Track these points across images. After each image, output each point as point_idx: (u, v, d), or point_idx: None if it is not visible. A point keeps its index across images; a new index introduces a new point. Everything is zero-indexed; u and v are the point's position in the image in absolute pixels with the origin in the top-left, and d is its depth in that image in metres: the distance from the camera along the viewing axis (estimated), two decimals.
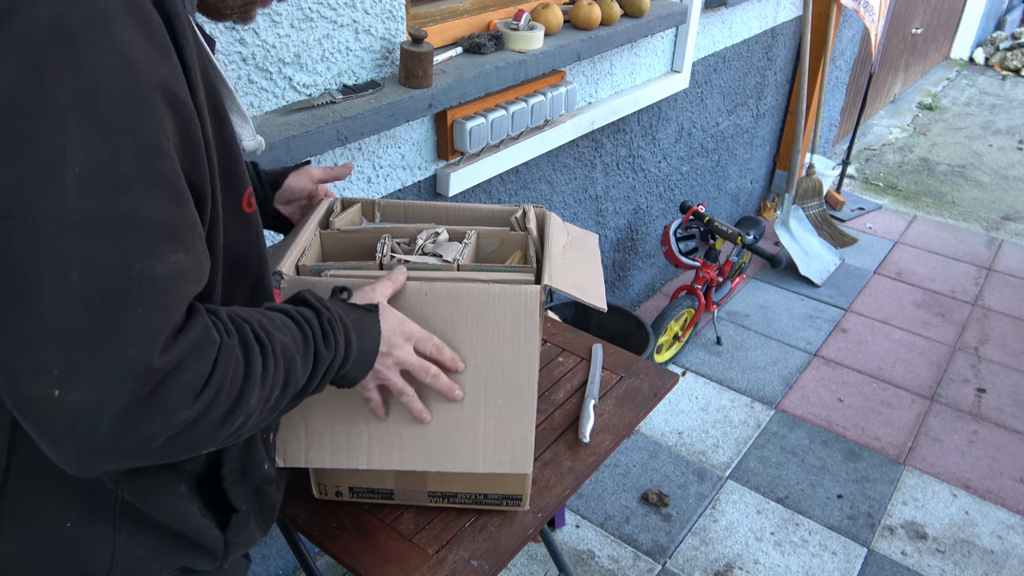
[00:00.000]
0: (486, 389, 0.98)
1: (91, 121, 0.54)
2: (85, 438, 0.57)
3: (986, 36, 7.58)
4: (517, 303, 0.95)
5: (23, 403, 0.56)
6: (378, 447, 1.00)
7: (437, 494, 1.17)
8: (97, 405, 0.56)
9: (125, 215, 0.55)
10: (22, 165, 0.52)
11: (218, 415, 0.64)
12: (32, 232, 0.53)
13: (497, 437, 1.00)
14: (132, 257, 0.56)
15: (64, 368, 0.54)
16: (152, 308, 0.57)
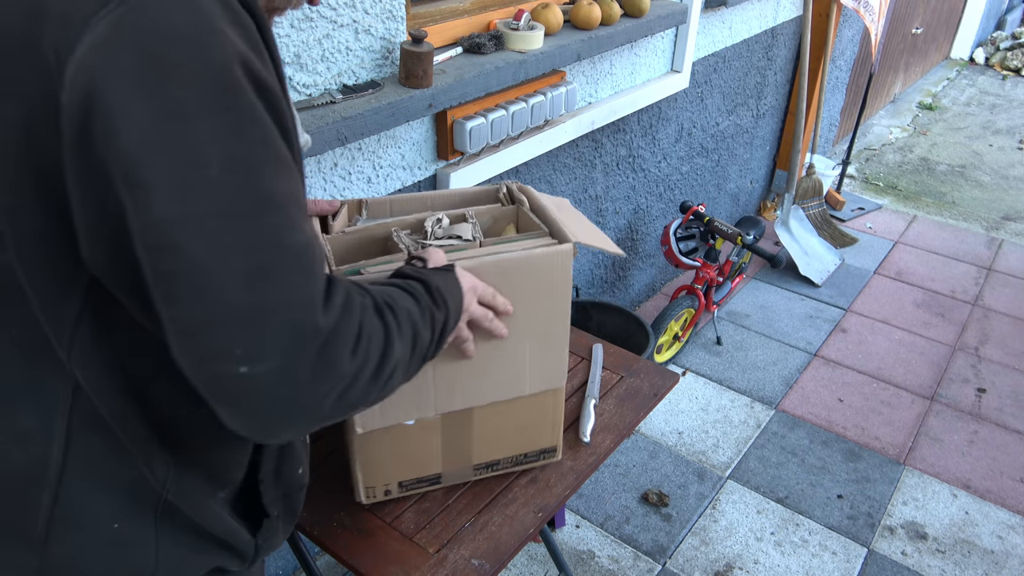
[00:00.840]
0: (531, 335, 1.12)
1: (220, 116, 0.58)
2: (274, 406, 0.62)
3: (986, 36, 7.58)
4: (555, 262, 1.08)
5: (214, 385, 0.61)
6: (442, 394, 1.10)
7: (482, 466, 1.24)
8: (281, 373, 0.61)
9: (265, 196, 0.60)
10: (171, 169, 0.56)
11: (371, 370, 0.68)
12: (193, 230, 0.57)
13: (539, 365, 1.15)
14: (279, 233, 0.61)
15: (246, 346, 0.59)
16: (307, 275, 0.62)
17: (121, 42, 0.55)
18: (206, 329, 0.59)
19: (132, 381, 0.70)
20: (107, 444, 0.71)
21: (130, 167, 0.56)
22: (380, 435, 1.12)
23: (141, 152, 0.56)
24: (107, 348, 0.67)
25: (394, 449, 1.15)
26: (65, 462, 0.69)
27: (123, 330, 0.67)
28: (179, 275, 0.58)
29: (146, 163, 0.56)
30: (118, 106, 0.55)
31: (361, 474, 1.15)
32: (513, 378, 1.15)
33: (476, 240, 1.11)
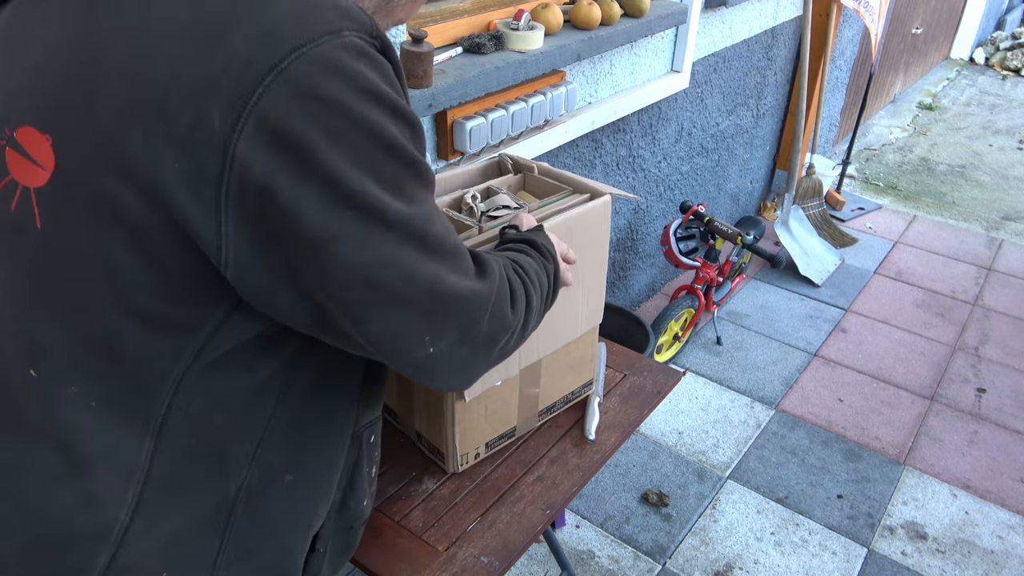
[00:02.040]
0: (582, 282, 1.24)
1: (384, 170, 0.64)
2: (463, 367, 0.74)
3: (986, 36, 7.58)
4: (600, 215, 1.22)
5: (415, 367, 0.71)
6: (523, 350, 1.21)
7: (543, 411, 1.38)
8: (461, 340, 0.72)
9: (426, 216, 0.68)
10: (355, 224, 0.62)
11: (521, 319, 0.81)
12: (380, 265, 0.65)
13: (587, 308, 1.29)
14: (441, 242, 0.69)
15: (432, 333, 0.69)
16: (462, 261, 0.72)
17: (283, 121, 0.58)
18: (399, 334, 0.68)
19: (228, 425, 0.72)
20: (176, 507, 0.72)
21: (315, 233, 0.61)
22: (476, 401, 1.21)
23: (320, 217, 0.61)
24: (208, 396, 0.70)
25: (487, 412, 1.25)
26: (131, 523, 0.70)
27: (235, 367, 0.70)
28: (371, 302, 0.65)
29: (331, 226, 0.61)
30: (291, 186, 0.59)
31: (459, 442, 1.24)
32: (571, 324, 1.28)
33: (522, 206, 1.22)
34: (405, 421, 1.35)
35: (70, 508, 0.69)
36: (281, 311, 0.66)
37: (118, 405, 0.68)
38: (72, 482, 0.69)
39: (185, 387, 0.68)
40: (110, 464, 0.69)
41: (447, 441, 1.24)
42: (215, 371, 0.69)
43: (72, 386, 0.67)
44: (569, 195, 1.27)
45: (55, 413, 0.68)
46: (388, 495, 1.23)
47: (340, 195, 0.61)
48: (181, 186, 0.59)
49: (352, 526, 0.93)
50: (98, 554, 0.70)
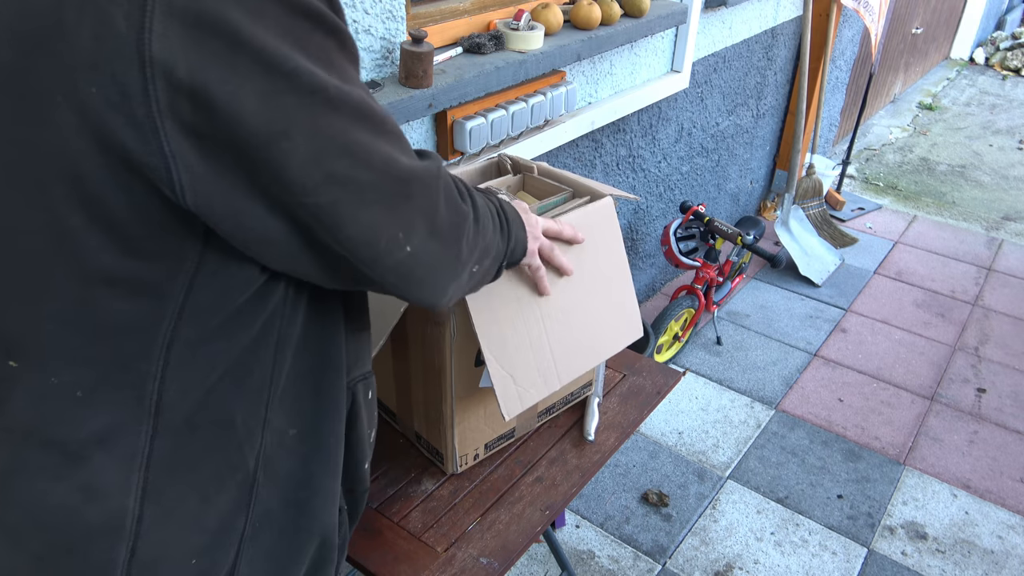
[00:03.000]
0: (608, 286, 1.22)
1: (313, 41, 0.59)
2: (438, 265, 0.72)
3: (986, 36, 7.58)
4: (602, 216, 1.20)
5: (398, 273, 0.68)
6: (561, 367, 1.17)
7: (543, 411, 1.37)
8: (429, 233, 0.69)
9: (360, 100, 0.62)
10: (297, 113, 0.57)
11: (471, 210, 0.77)
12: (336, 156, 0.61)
13: (618, 319, 1.24)
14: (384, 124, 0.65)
15: (403, 225, 0.67)
16: (400, 135, 0.68)
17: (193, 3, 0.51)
18: (374, 233, 0.64)
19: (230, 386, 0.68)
20: (193, 479, 0.68)
21: (260, 126, 0.56)
22: (475, 402, 1.21)
23: (265, 110, 0.55)
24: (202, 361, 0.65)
25: (487, 413, 1.25)
26: (142, 512, 0.66)
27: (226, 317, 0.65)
28: (340, 200, 0.61)
29: (277, 118, 0.56)
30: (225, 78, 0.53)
31: (458, 443, 1.23)
32: (608, 339, 1.24)
33: None
34: (404, 422, 1.35)
35: (74, 505, 0.64)
36: (254, 235, 0.61)
37: (106, 389, 0.63)
38: (69, 476, 0.64)
39: (176, 355, 0.63)
40: (107, 452, 0.64)
41: (446, 442, 1.24)
42: (205, 332, 0.64)
43: (52, 377, 0.62)
44: (567, 199, 1.26)
45: (41, 406, 0.63)
46: (387, 496, 1.23)
47: (277, 78, 0.55)
48: (107, 113, 0.52)
49: (354, 488, 0.89)
50: (116, 550, 0.65)
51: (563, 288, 1.14)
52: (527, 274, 1.08)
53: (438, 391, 1.19)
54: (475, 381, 1.20)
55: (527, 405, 1.11)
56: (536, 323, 1.11)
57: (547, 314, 1.13)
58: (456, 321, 1.11)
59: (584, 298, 1.17)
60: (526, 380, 1.10)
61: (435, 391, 1.20)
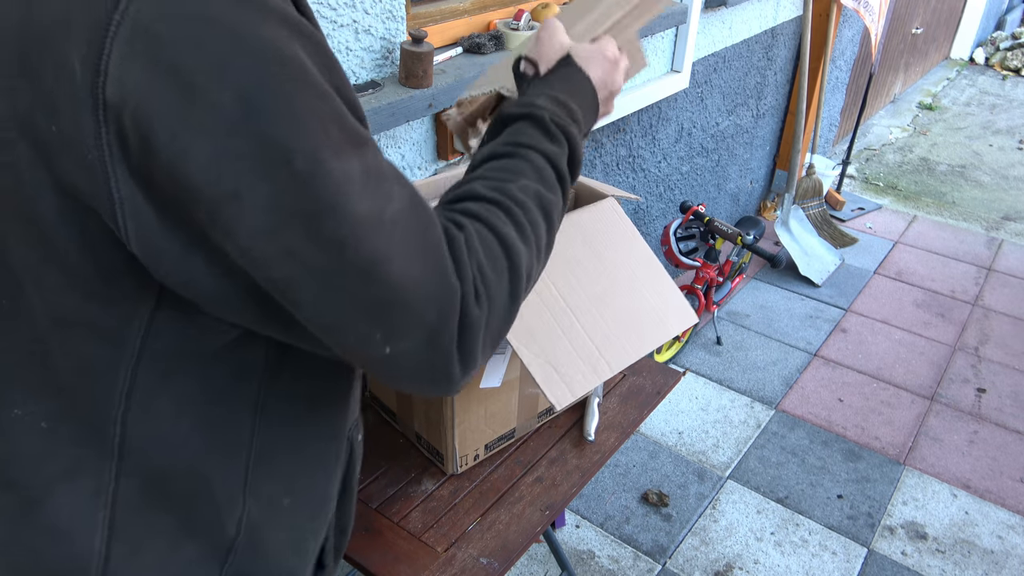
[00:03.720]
0: (639, 276, 1.20)
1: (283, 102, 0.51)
2: (434, 370, 0.58)
3: (986, 36, 7.58)
4: (611, 213, 1.21)
5: (373, 368, 0.58)
6: (609, 355, 1.14)
7: (543, 412, 1.37)
8: (427, 342, 0.57)
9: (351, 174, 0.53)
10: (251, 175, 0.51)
11: (504, 298, 0.62)
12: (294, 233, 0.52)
13: (663, 307, 1.22)
14: (381, 211, 0.55)
15: (384, 330, 0.55)
16: (419, 240, 0.57)
17: (150, 49, 0.48)
18: (342, 325, 0.55)
19: (205, 418, 0.63)
20: (157, 522, 0.64)
21: (205, 185, 0.50)
22: (476, 403, 1.20)
23: (214, 169, 0.49)
24: (169, 394, 0.61)
25: (487, 413, 1.25)
26: (109, 554, 0.63)
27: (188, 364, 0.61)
28: (294, 281, 0.53)
29: (225, 179, 0.50)
30: (175, 130, 0.49)
31: (458, 444, 1.23)
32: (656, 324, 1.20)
33: None
34: (404, 422, 1.35)
35: (39, 547, 0.62)
36: (205, 295, 0.56)
37: (71, 422, 0.60)
38: (34, 517, 0.61)
39: (136, 401, 0.60)
40: (72, 487, 0.61)
41: (446, 442, 1.24)
42: (167, 381, 0.60)
43: (15, 408, 0.60)
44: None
45: (3, 442, 0.61)
46: (387, 496, 1.23)
47: (239, 136, 0.49)
48: (62, 153, 0.50)
49: (346, 529, 0.86)
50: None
51: (587, 280, 1.15)
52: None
53: None
54: (475, 381, 1.20)
55: (578, 395, 1.07)
56: (564, 313, 1.11)
57: (575, 305, 1.13)
58: None
59: (614, 288, 1.17)
60: (570, 368, 1.09)
61: None
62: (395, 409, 1.36)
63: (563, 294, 1.12)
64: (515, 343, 1.05)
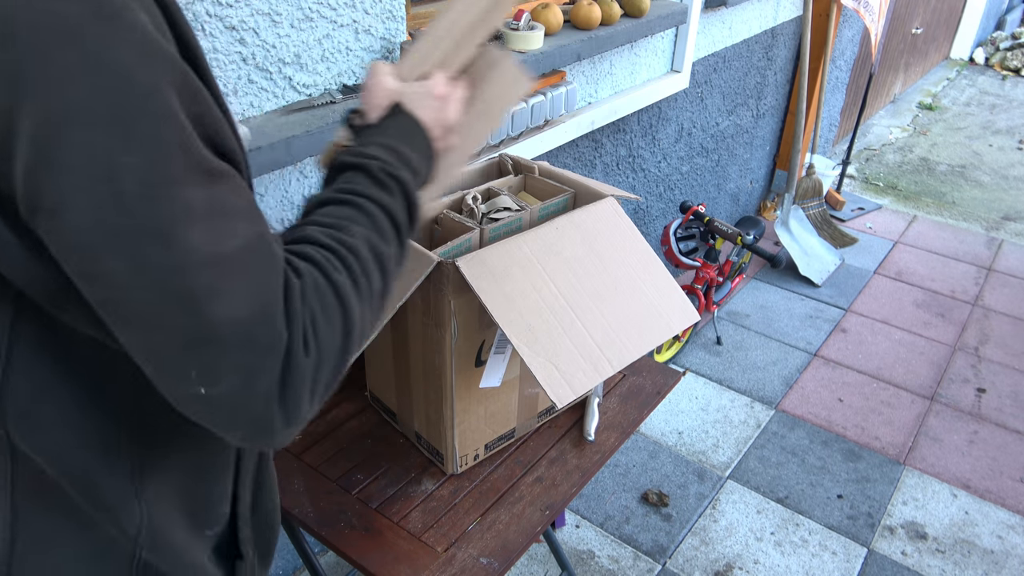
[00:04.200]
0: (640, 275, 1.21)
1: (123, 123, 0.51)
2: (250, 420, 0.57)
3: (986, 36, 7.58)
4: (611, 212, 1.22)
5: (184, 406, 0.57)
6: (610, 353, 1.14)
7: (543, 412, 1.37)
8: (243, 388, 0.55)
9: (187, 207, 0.53)
10: (78, 190, 0.50)
11: (336, 348, 0.61)
12: (115, 255, 0.52)
13: (665, 305, 1.23)
14: (215, 244, 0.54)
15: (199, 368, 0.54)
16: (249, 283, 0.56)
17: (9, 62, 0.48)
18: (157, 355, 0.54)
19: (85, 426, 0.62)
20: (62, 512, 0.64)
21: (36, 193, 0.50)
22: (476, 403, 1.21)
23: (43, 176, 0.49)
24: (48, 400, 0.60)
25: (487, 413, 1.25)
26: (14, 542, 0.63)
27: (62, 371, 0.61)
28: (113, 302, 0.53)
29: (51, 187, 0.50)
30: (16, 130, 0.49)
31: (458, 444, 1.24)
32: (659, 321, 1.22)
33: (526, 210, 1.21)
34: (404, 422, 1.35)
35: None
36: (49, 299, 0.57)
37: None
38: None
39: (12, 404, 0.60)
40: None
41: (446, 442, 1.24)
42: (42, 388, 0.60)
43: None
44: (569, 200, 1.27)
45: None
46: (387, 496, 1.23)
47: (63, 150, 0.49)
48: None
49: (263, 529, 0.84)
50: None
51: (588, 278, 1.15)
52: (534, 263, 1.07)
53: (438, 391, 1.19)
54: (475, 381, 1.20)
55: (579, 392, 1.07)
56: (564, 311, 1.11)
57: (576, 304, 1.13)
58: (457, 322, 1.11)
59: (615, 287, 1.17)
60: (571, 367, 1.09)
61: (435, 391, 1.20)
62: (395, 409, 1.36)
63: (564, 293, 1.12)
64: (516, 342, 1.04)
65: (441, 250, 1.10)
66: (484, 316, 1.13)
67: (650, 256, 1.24)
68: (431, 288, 1.09)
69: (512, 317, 1.06)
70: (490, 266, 1.07)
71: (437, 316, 1.12)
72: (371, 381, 1.42)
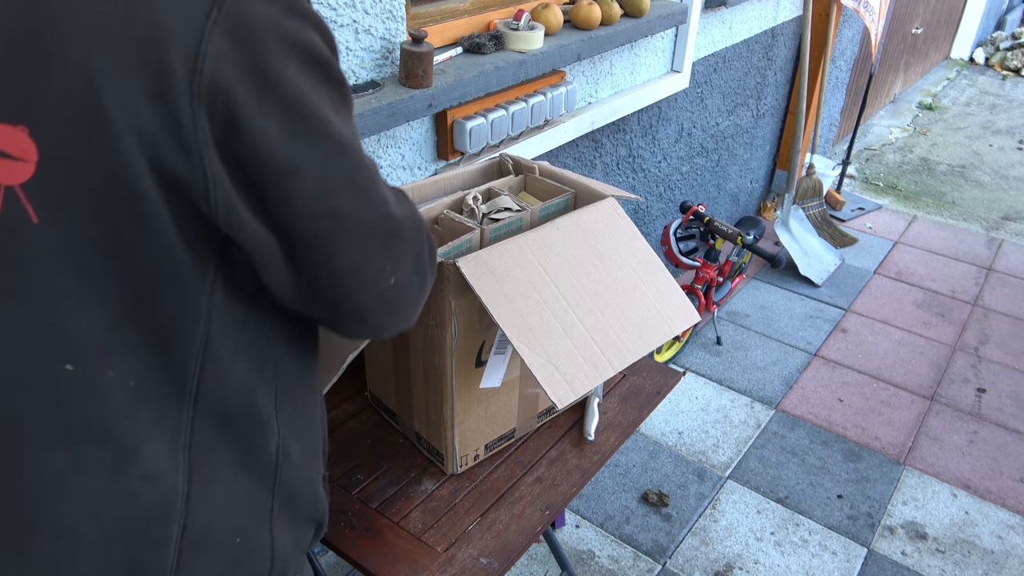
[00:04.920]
0: (640, 276, 1.22)
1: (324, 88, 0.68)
2: (414, 296, 0.78)
3: (986, 36, 7.58)
4: (611, 213, 1.23)
5: (380, 302, 0.74)
6: (610, 353, 1.15)
7: (543, 412, 1.38)
8: (414, 268, 0.76)
9: (357, 146, 0.71)
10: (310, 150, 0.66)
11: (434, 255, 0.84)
12: (341, 192, 0.68)
13: (666, 306, 1.24)
14: (374, 172, 0.73)
15: (392, 261, 0.73)
16: (384, 182, 0.75)
17: (235, 50, 0.61)
18: (366, 263, 0.71)
19: (254, 361, 0.75)
20: (225, 456, 0.75)
21: (279, 161, 0.64)
22: (476, 403, 1.21)
23: (284, 146, 0.64)
24: (234, 343, 0.73)
25: (487, 413, 1.25)
26: (190, 490, 0.73)
27: (244, 318, 0.73)
28: (337, 232, 0.68)
29: (293, 155, 0.64)
30: (254, 115, 0.62)
31: (458, 444, 1.24)
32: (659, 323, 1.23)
33: (527, 211, 1.23)
34: (404, 422, 1.35)
35: (134, 490, 0.70)
36: (255, 253, 0.69)
37: (154, 377, 0.69)
38: (129, 466, 0.70)
39: (210, 353, 0.71)
40: (157, 437, 0.70)
41: (446, 442, 1.24)
42: (229, 330, 0.72)
43: (110, 369, 0.68)
44: (569, 200, 1.27)
45: (97, 402, 0.68)
46: (387, 496, 1.23)
47: (298, 118, 0.64)
48: (163, 139, 0.61)
49: (326, 455, 0.96)
50: (169, 527, 0.72)
51: (588, 279, 1.15)
52: (534, 263, 1.13)
53: (438, 391, 1.19)
54: (475, 382, 1.20)
55: (579, 393, 1.08)
56: (565, 312, 1.11)
57: (576, 304, 1.13)
58: (457, 322, 1.11)
59: (615, 287, 1.17)
60: (572, 367, 1.09)
61: (435, 391, 1.20)
62: (395, 409, 1.36)
63: (564, 293, 1.12)
64: (516, 342, 1.04)
65: (442, 250, 1.11)
66: (484, 316, 1.13)
67: (651, 256, 1.24)
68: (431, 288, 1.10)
69: (512, 317, 1.06)
70: (490, 266, 1.07)
71: (437, 316, 1.12)
72: (371, 381, 1.42)
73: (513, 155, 1.39)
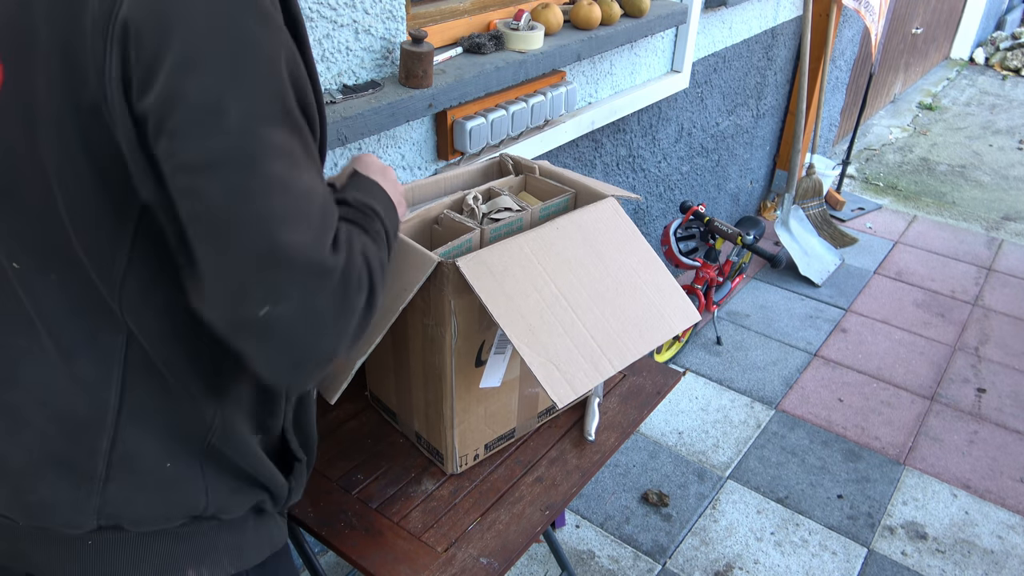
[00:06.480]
0: (640, 275, 1.22)
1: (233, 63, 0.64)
2: (297, 345, 0.66)
3: (986, 36, 7.58)
4: (611, 212, 1.23)
5: (240, 328, 0.64)
6: (610, 353, 1.14)
7: (543, 411, 1.37)
8: (302, 311, 0.64)
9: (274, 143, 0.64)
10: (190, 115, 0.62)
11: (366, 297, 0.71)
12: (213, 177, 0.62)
13: (666, 306, 1.23)
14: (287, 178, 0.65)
15: (266, 286, 0.62)
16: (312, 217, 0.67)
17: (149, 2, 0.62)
18: (226, 272, 0.63)
19: (180, 328, 0.76)
20: (159, 390, 0.78)
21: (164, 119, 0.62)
22: (476, 403, 1.21)
23: (171, 105, 0.62)
24: (154, 297, 0.74)
25: (487, 413, 1.25)
26: (121, 407, 0.77)
27: (167, 278, 0.73)
28: (203, 219, 0.63)
29: (175, 115, 0.62)
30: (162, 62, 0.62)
31: (458, 444, 1.24)
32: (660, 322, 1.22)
33: (525, 209, 1.23)
34: (404, 422, 1.35)
35: (67, 390, 0.76)
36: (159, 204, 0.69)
37: (91, 294, 0.73)
38: (64, 365, 0.75)
39: (128, 289, 0.73)
40: (93, 347, 0.75)
41: (446, 442, 1.24)
42: (150, 272, 0.73)
43: (52, 273, 0.73)
44: (569, 200, 1.28)
45: (43, 299, 0.75)
46: (387, 496, 1.23)
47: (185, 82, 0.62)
48: (85, 69, 0.64)
49: (305, 442, 0.97)
50: (99, 439, 0.77)
51: (588, 278, 1.15)
52: (534, 263, 1.11)
53: (438, 391, 1.20)
54: (475, 381, 1.20)
55: (580, 392, 1.07)
56: (565, 311, 1.11)
57: (576, 303, 1.13)
58: (457, 322, 1.11)
59: (615, 287, 1.17)
60: (572, 366, 1.09)
61: (435, 391, 1.20)
62: (395, 409, 1.36)
63: (564, 293, 1.12)
64: (516, 341, 1.04)
65: (441, 250, 1.10)
66: (484, 316, 1.13)
67: (651, 256, 1.24)
68: (431, 288, 1.09)
69: (513, 317, 1.06)
70: (490, 266, 1.07)
71: (437, 316, 1.12)
72: (371, 381, 1.42)
73: (513, 155, 1.39)
